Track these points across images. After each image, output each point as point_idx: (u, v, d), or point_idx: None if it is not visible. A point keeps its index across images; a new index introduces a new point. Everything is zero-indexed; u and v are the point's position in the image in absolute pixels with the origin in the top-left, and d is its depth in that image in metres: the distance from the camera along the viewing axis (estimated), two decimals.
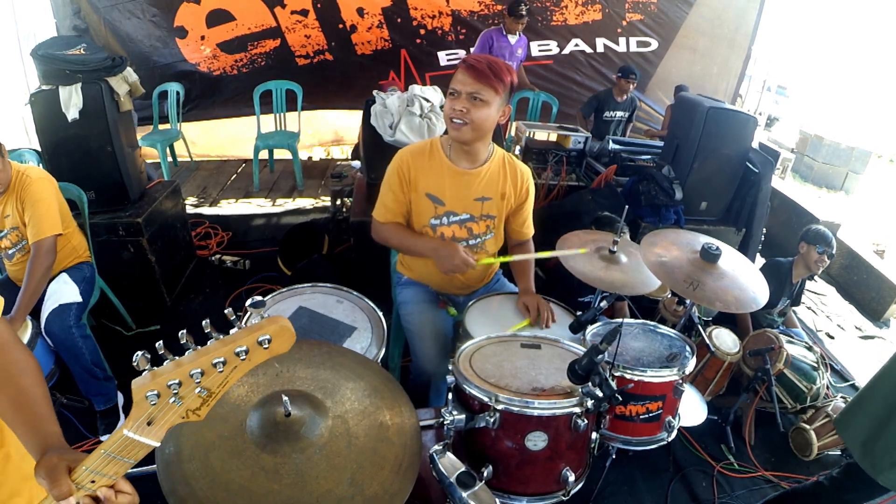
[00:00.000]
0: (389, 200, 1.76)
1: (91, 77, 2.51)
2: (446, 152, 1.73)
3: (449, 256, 1.66)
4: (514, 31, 4.31)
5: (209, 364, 0.61)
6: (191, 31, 4.62)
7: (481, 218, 1.79)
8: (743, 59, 5.51)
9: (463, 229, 1.79)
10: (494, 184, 1.77)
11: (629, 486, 2.17)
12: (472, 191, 1.75)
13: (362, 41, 4.92)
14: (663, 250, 1.81)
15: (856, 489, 1.63)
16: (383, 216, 1.79)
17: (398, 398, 1.08)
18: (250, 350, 0.62)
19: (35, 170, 2.07)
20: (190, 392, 0.62)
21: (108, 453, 0.64)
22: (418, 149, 1.76)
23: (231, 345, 0.62)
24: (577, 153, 3.70)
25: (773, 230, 4.34)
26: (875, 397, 1.60)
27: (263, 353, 0.63)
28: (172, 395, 0.62)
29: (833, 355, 3.27)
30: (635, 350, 1.56)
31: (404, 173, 1.72)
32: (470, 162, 1.73)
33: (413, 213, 1.78)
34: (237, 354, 0.62)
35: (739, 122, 3.20)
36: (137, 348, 0.62)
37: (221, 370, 0.62)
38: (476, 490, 0.98)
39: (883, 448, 1.52)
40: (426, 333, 1.80)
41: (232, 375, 0.63)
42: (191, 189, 4.62)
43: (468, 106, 1.54)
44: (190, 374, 0.61)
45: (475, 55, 1.62)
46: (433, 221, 1.76)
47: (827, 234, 2.68)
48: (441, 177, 1.73)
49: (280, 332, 0.63)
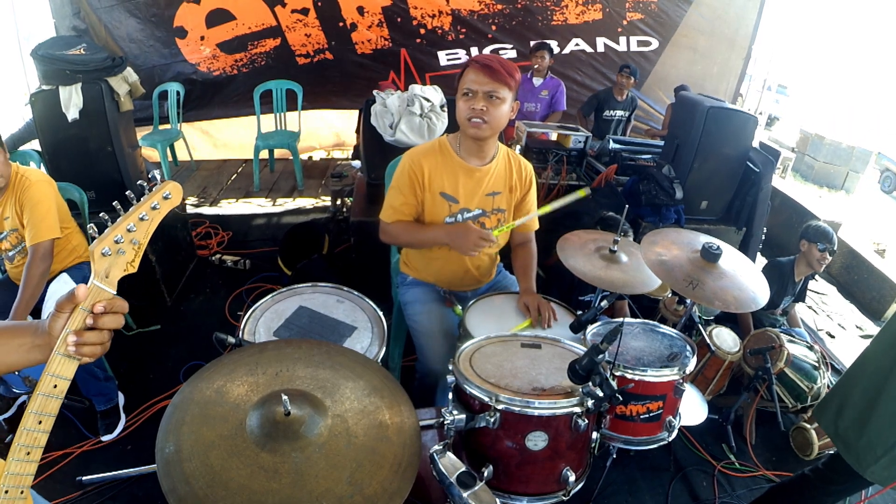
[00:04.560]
0: (397, 202, 1.76)
1: (91, 77, 2.52)
2: (456, 151, 1.76)
3: (464, 235, 1.67)
4: (537, 73, 4.32)
5: (137, 219, 0.84)
6: (190, 32, 4.62)
7: (493, 212, 1.84)
8: (743, 58, 5.50)
9: (476, 225, 1.83)
10: (503, 178, 1.82)
11: (630, 485, 2.16)
12: (483, 187, 1.80)
13: (362, 40, 4.92)
14: (664, 249, 1.81)
15: (840, 481, 1.62)
16: (390, 217, 1.78)
17: (398, 397, 1.08)
18: (159, 204, 0.86)
19: (35, 172, 2.06)
20: (128, 244, 0.84)
21: (83, 309, 0.80)
22: (428, 149, 1.77)
23: (147, 203, 0.85)
24: (578, 153, 3.70)
25: (773, 230, 4.33)
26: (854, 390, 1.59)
27: (167, 204, 0.87)
28: (119, 247, 0.83)
29: (834, 354, 3.27)
30: (636, 350, 1.55)
31: (416, 175, 1.72)
32: (480, 159, 1.77)
33: (427, 213, 1.79)
34: (153, 208, 0.86)
35: (740, 121, 3.20)
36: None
37: (145, 219, 0.85)
38: (476, 490, 0.98)
39: (866, 444, 1.51)
40: (435, 333, 1.80)
41: (150, 226, 0.86)
42: (191, 189, 4.62)
43: (486, 105, 1.58)
44: (127, 229, 0.83)
45: (485, 55, 1.64)
46: (448, 220, 1.79)
47: (828, 231, 2.67)
48: (454, 175, 1.76)
49: (174, 188, 0.88)
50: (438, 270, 1.90)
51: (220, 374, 1.07)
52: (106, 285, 0.82)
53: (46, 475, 1.96)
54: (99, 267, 0.81)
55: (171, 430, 0.96)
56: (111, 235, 0.82)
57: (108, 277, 0.82)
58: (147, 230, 0.85)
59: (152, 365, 2.55)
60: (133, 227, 0.83)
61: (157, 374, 2.49)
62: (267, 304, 1.65)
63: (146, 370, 2.51)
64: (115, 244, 0.82)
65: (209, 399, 1.01)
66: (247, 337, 1.49)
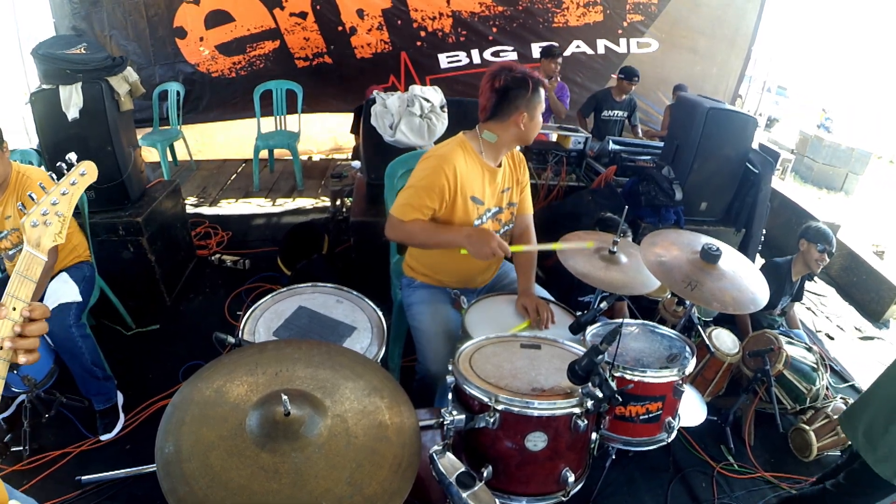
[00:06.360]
0: (419, 202, 1.73)
1: (91, 77, 2.51)
2: (479, 152, 1.80)
3: (485, 242, 1.68)
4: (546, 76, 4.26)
5: (59, 194, 0.96)
6: (190, 32, 4.62)
7: (507, 207, 1.90)
8: (743, 59, 5.51)
9: (495, 222, 1.88)
10: (511, 174, 1.91)
11: (629, 486, 2.16)
12: (498, 185, 1.85)
13: (362, 44, 4.91)
14: (663, 250, 1.81)
15: (862, 493, 1.64)
16: (408, 215, 1.74)
17: (397, 398, 1.08)
18: (77, 180, 0.99)
19: (36, 171, 2.06)
20: (54, 216, 0.95)
21: (19, 273, 0.89)
22: (457, 152, 1.75)
23: (67, 179, 0.98)
24: (577, 153, 3.70)
25: (772, 231, 4.34)
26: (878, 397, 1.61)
27: (84, 180, 1.00)
28: (45, 219, 0.94)
29: (833, 356, 3.27)
30: (635, 350, 1.56)
31: (450, 181, 1.71)
32: (496, 159, 1.83)
33: (455, 218, 1.78)
34: (72, 184, 0.99)
35: (739, 122, 3.20)
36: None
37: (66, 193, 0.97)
38: (476, 490, 0.98)
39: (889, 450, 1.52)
40: (437, 334, 1.81)
41: (72, 199, 0.98)
42: (191, 189, 4.61)
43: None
44: (51, 203, 0.95)
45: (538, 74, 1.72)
46: (476, 222, 1.81)
47: (828, 233, 2.68)
48: (481, 177, 1.80)
49: (89, 166, 1.01)
50: (448, 271, 1.92)
51: (219, 374, 1.08)
52: (38, 252, 0.92)
53: (45, 475, 1.96)
54: (30, 236, 0.92)
55: (171, 430, 0.96)
56: (38, 209, 0.94)
57: (40, 246, 0.93)
58: (69, 203, 0.98)
59: (151, 364, 2.55)
60: (56, 201, 0.96)
61: (156, 374, 2.49)
62: (267, 304, 1.65)
63: (145, 370, 2.51)
64: (42, 216, 0.94)
65: (209, 399, 1.01)
66: (246, 337, 1.50)
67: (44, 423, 2.04)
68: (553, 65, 4.17)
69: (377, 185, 2.64)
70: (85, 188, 1.01)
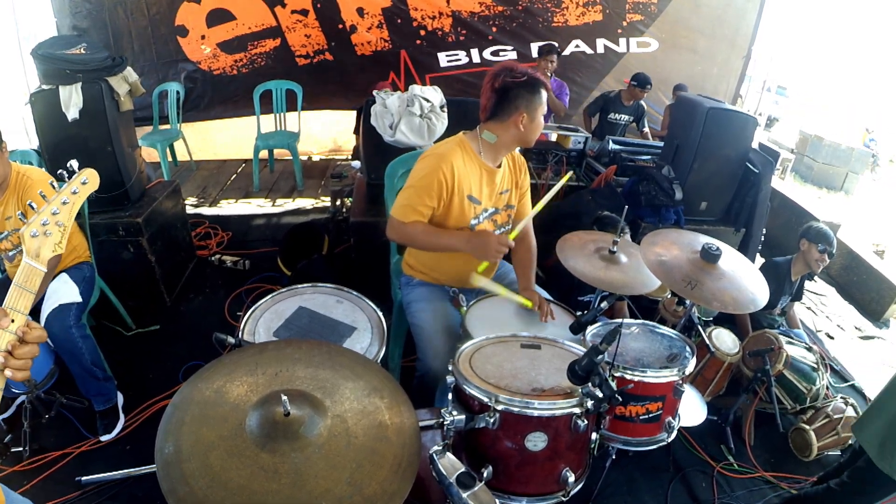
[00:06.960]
0: (418, 203, 1.73)
1: (91, 77, 2.51)
2: (478, 152, 1.79)
3: (485, 244, 1.69)
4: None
5: (60, 203, 0.93)
6: (191, 31, 4.63)
7: (504, 209, 1.90)
8: (743, 59, 5.51)
9: (491, 223, 1.87)
10: (510, 176, 1.90)
11: (629, 486, 2.16)
12: (497, 186, 1.85)
13: (362, 42, 4.92)
14: (663, 250, 1.81)
15: (867, 492, 1.64)
16: (408, 217, 1.74)
17: (397, 398, 1.08)
18: (79, 189, 0.96)
19: (36, 171, 2.06)
20: (54, 226, 0.92)
21: (19, 285, 0.86)
22: (455, 152, 1.75)
23: (68, 188, 0.95)
24: (577, 153, 3.70)
25: (772, 230, 4.33)
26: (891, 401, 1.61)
27: (85, 189, 0.97)
28: (45, 229, 0.91)
29: (833, 356, 3.27)
30: (635, 350, 1.56)
31: (447, 180, 1.71)
32: (496, 160, 1.83)
33: (452, 216, 1.78)
34: (73, 193, 0.95)
35: (739, 122, 3.20)
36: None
37: (67, 203, 0.94)
38: (476, 490, 0.98)
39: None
40: (437, 332, 1.81)
41: (73, 209, 0.95)
42: (191, 189, 4.61)
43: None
44: (52, 213, 0.92)
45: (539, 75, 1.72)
46: (473, 222, 1.81)
47: (829, 233, 2.68)
48: (478, 177, 1.80)
49: (91, 175, 0.98)
50: (447, 270, 1.91)
51: (219, 375, 1.08)
52: (37, 263, 0.90)
53: (45, 475, 1.96)
54: (30, 247, 0.89)
55: (171, 430, 0.96)
56: (38, 219, 0.91)
57: (39, 257, 0.90)
58: (70, 212, 0.94)
59: (151, 365, 2.54)
60: (57, 211, 0.93)
61: (156, 374, 2.49)
62: (267, 304, 1.65)
63: (145, 370, 2.51)
64: (42, 226, 0.91)
65: (209, 399, 1.01)
66: (246, 337, 1.49)
67: (44, 424, 2.04)
68: (545, 64, 4.19)
69: (377, 185, 2.64)
70: (86, 197, 0.98)
